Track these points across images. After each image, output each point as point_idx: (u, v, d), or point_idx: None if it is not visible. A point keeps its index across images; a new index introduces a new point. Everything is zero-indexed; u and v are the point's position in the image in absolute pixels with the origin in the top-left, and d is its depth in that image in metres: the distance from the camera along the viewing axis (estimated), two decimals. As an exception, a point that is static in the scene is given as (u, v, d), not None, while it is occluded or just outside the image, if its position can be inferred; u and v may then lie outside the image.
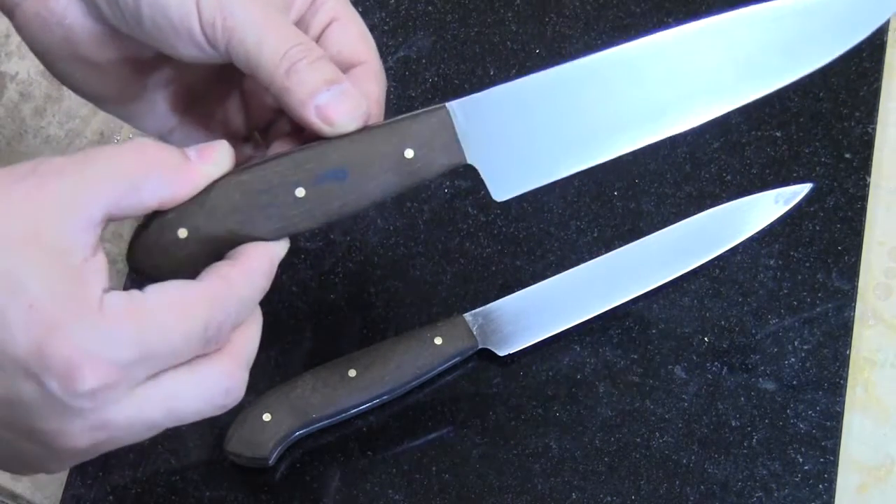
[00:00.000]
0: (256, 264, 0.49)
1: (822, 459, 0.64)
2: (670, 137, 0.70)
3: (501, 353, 0.65)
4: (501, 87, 0.53)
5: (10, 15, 0.52)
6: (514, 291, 0.66)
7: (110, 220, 0.46)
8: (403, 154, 0.51)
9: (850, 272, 0.68)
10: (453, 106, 0.52)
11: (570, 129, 0.53)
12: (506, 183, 0.53)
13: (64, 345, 0.43)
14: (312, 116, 0.50)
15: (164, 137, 0.57)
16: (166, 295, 0.46)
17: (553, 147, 0.53)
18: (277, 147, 0.53)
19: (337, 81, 0.50)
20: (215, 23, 0.49)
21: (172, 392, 0.46)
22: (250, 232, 0.49)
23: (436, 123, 0.52)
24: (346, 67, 0.53)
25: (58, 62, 0.53)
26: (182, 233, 0.49)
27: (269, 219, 0.49)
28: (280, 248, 0.50)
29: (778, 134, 0.71)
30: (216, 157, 0.49)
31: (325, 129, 0.50)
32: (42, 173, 0.45)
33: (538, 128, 0.53)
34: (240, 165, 0.50)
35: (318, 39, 0.53)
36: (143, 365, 0.45)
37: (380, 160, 0.51)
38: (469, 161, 0.52)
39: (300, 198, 0.50)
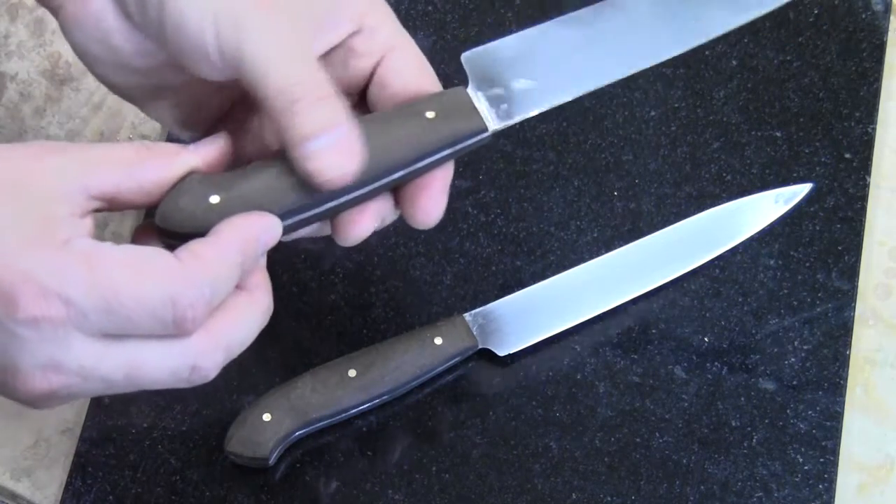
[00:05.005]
0: (229, 241, 0.47)
1: (822, 459, 0.64)
2: (670, 137, 0.71)
3: (501, 353, 0.65)
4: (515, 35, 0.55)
5: (56, 15, 0.52)
6: (514, 291, 0.66)
7: (105, 201, 0.47)
8: (424, 114, 0.52)
9: (850, 272, 0.68)
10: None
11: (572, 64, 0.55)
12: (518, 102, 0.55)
13: (11, 271, 0.42)
14: (302, 161, 0.48)
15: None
16: (132, 254, 0.45)
17: (557, 77, 0.55)
18: None
19: (335, 126, 0.48)
20: (229, 45, 0.48)
21: (135, 357, 0.45)
22: (272, 208, 0.50)
23: (452, 93, 0.53)
24: (407, 97, 0.53)
25: (97, 64, 0.53)
26: (214, 199, 0.49)
27: (289, 193, 0.50)
28: (261, 227, 0.48)
29: (778, 134, 0.71)
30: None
31: (313, 180, 0.48)
32: (47, 146, 0.46)
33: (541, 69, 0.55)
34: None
35: (375, 69, 0.53)
36: (99, 314, 0.44)
37: (399, 120, 0.52)
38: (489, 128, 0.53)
39: None
